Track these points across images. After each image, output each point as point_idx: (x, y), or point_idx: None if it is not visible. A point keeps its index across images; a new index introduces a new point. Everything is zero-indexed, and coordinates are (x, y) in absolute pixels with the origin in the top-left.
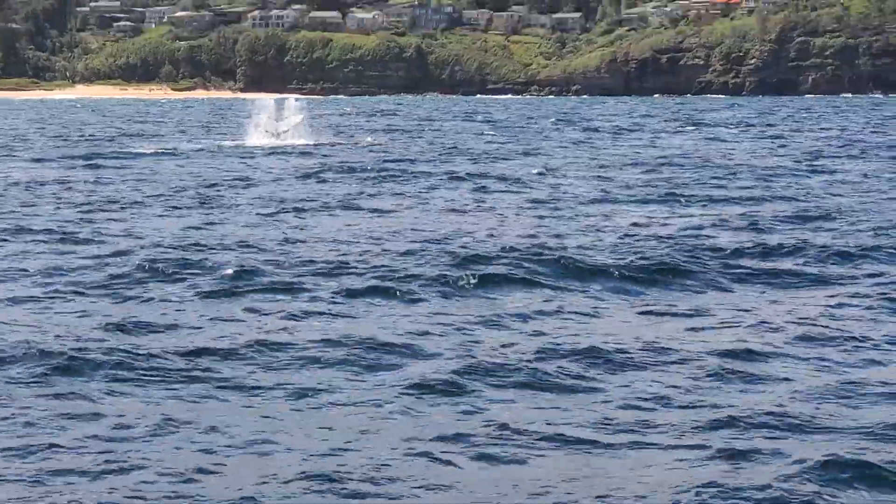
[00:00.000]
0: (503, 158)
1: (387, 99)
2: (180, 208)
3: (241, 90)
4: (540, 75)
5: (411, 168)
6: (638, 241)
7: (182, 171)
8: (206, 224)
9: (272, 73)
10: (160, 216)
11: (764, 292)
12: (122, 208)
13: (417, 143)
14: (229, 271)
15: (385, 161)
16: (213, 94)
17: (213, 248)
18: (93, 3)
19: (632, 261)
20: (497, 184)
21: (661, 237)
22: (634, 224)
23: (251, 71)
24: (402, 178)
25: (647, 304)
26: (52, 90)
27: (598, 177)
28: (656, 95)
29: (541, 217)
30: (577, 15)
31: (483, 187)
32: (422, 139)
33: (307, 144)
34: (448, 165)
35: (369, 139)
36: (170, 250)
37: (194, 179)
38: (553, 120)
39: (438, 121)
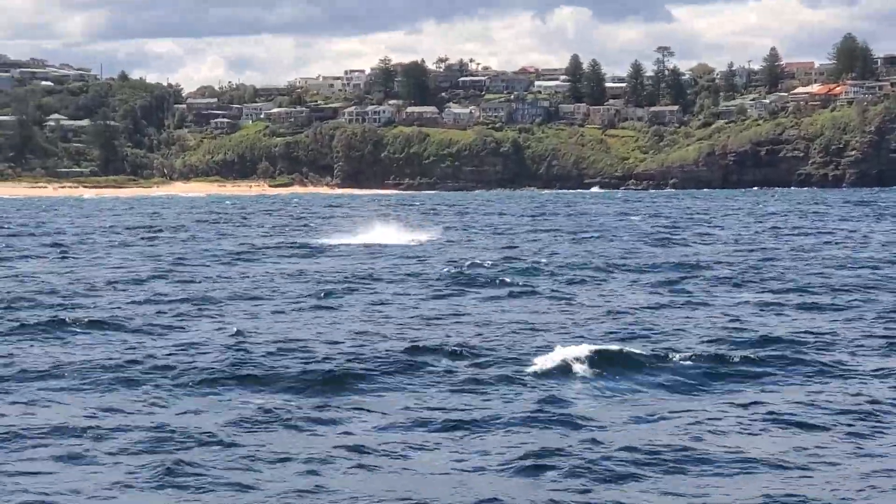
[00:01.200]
0: None
1: (484, 195)
2: None
3: (339, 185)
4: (637, 169)
5: None
6: None
7: None
8: None
9: (369, 169)
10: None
11: None
12: None
13: None
14: None
15: None
16: (311, 189)
17: None
18: (190, 101)
19: None
20: None
21: None
22: None
23: (348, 166)
24: None
25: None
26: (150, 187)
27: None
28: (755, 188)
29: None
30: (675, 108)
31: None
32: None
33: None
34: None
35: None
36: None
37: None
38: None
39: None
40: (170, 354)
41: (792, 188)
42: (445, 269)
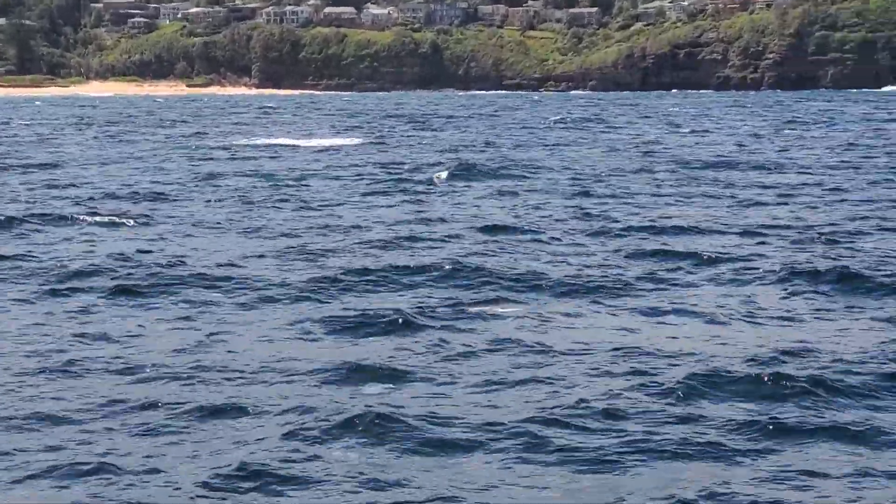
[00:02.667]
0: None
1: (404, 95)
2: None
3: (257, 86)
4: (556, 71)
5: None
6: None
7: None
8: None
9: (287, 70)
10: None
11: None
12: None
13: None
14: None
15: None
16: (229, 90)
17: None
18: (107, 0)
19: None
20: None
21: None
22: None
23: (266, 67)
24: None
25: None
26: (67, 87)
27: None
28: (674, 91)
29: None
30: (594, 10)
31: None
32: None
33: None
34: None
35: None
36: None
37: None
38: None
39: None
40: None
41: (710, 91)
42: None
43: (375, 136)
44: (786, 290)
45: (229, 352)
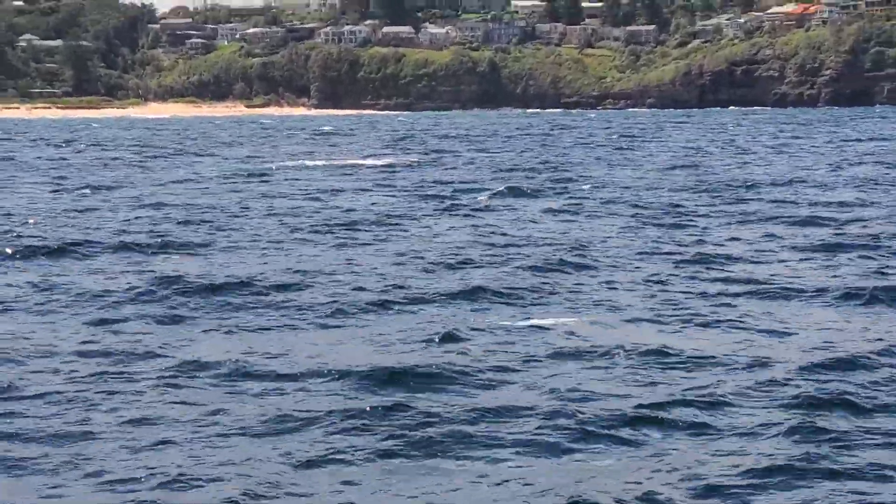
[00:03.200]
0: None
1: (461, 114)
2: None
3: (316, 107)
4: (614, 89)
5: None
6: None
7: None
8: None
9: (346, 90)
10: None
11: None
12: None
13: None
14: None
15: None
16: (287, 110)
17: None
18: (164, 21)
19: None
20: None
21: None
22: None
23: (324, 87)
24: None
25: None
26: (124, 108)
27: None
28: (731, 108)
29: None
30: (651, 28)
31: None
32: None
33: None
34: None
35: None
36: None
37: None
38: None
39: None
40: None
41: (767, 108)
42: None
43: (431, 157)
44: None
45: (281, 358)
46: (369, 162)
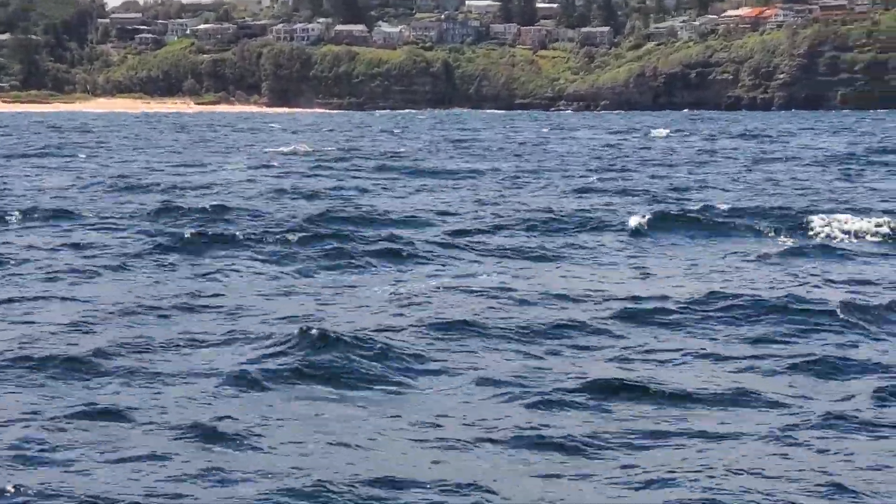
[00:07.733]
0: None
1: (416, 114)
2: None
3: (266, 104)
4: (568, 90)
5: None
6: None
7: None
8: None
9: (297, 88)
10: None
11: None
12: None
13: None
14: None
15: None
16: (238, 108)
17: None
18: (114, 16)
19: None
20: None
21: None
22: None
23: (276, 85)
24: None
25: None
26: (71, 103)
27: None
28: (686, 110)
29: None
30: (606, 29)
31: None
32: None
33: None
34: None
35: None
36: None
37: None
38: None
39: None
40: None
41: (722, 111)
42: None
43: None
44: None
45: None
46: None
